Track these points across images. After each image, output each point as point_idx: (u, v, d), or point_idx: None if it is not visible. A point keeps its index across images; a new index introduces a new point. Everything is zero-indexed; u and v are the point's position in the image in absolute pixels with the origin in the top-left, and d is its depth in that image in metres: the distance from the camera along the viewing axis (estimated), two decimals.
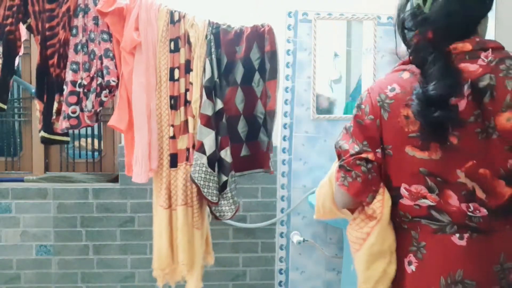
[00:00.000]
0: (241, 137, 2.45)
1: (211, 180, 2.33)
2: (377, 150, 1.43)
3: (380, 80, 1.49)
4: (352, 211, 1.57)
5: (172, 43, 2.38)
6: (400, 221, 1.47)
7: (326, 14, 3.41)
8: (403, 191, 1.42)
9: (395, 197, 1.45)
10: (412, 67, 1.40)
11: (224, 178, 2.37)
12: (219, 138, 2.35)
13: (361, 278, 1.49)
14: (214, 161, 2.33)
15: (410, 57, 1.42)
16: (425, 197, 1.38)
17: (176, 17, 2.39)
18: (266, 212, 3.49)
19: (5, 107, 2.41)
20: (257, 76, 2.41)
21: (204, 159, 2.31)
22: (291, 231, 3.51)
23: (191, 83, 2.37)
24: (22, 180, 3.45)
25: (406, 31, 1.43)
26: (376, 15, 3.42)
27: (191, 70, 2.38)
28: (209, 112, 2.31)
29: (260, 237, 3.51)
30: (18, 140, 3.62)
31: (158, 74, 2.37)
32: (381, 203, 1.44)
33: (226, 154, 2.35)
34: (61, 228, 3.39)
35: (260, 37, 2.38)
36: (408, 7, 1.42)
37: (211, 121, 2.32)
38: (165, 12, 2.38)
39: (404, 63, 1.45)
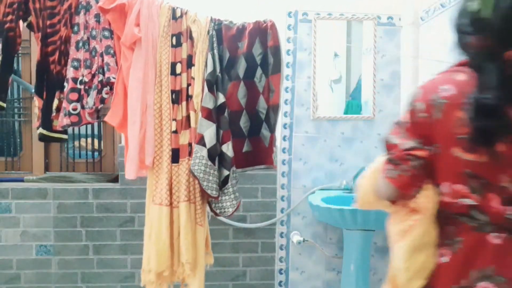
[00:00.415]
0: (244, 132, 2.44)
1: (211, 174, 2.30)
2: (428, 148, 1.43)
3: (432, 80, 1.49)
4: (393, 203, 1.59)
5: (174, 38, 2.38)
6: (438, 215, 1.48)
7: (326, 14, 3.42)
8: (445, 188, 1.43)
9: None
10: (469, 69, 1.39)
11: (226, 172, 2.35)
12: (220, 132, 2.34)
13: (400, 269, 1.51)
14: (214, 154, 2.32)
15: (467, 61, 1.42)
16: (466, 197, 1.38)
17: (178, 13, 2.39)
18: (266, 212, 3.49)
19: (4, 105, 2.40)
20: (259, 71, 2.41)
21: (204, 152, 2.29)
22: (291, 231, 3.51)
23: (193, 78, 2.37)
24: (22, 180, 3.45)
25: (463, 35, 1.43)
26: (376, 15, 3.43)
27: (193, 65, 2.37)
28: (210, 105, 2.31)
29: (260, 237, 3.51)
30: (18, 140, 3.61)
31: (159, 69, 2.36)
32: (427, 198, 1.47)
33: (227, 149, 2.33)
34: (61, 228, 3.39)
35: (263, 32, 2.38)
36: (468, 10, 1.40)
37: (212, 114, 2.31)
38: (167, 9, 2.38)
39: (460, 65, 1.45)
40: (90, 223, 3.40)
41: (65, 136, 2.48)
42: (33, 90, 2.83)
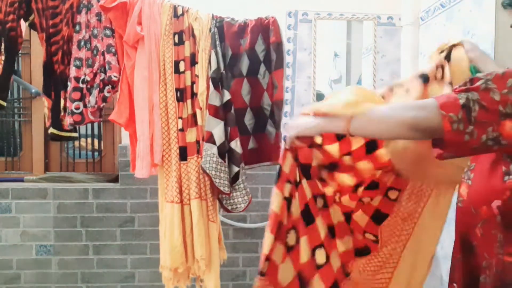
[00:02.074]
0: (248, 129, 2.44)
1: (222, 171, 2.31)
2: None
3: None
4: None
5: (176, 37, 2.38)
6: None
7: (326, 14, 3.42)
8: None
9: None
10: None
11: (236, 169, 2.36)
12: (228, 129, 2.34)
13: None
14: (224, 151, 2.32)
15: None
16: None
17: (179, 11, 2.39)
18: (266, 212, 3.47)
19: (5, 104, 2.40)
20: (262, 68, 2.41)
21: (214, 149, 2.29)
22: None
23: (197, 76, 2.37)
24: (22, 180, 3.45)
25: None
26: (376, 15, 3.44)
27: (197, 63, 2.37)
28: (216, 103, 2.31)
29: (260, 237, 3.50)
30: (18, 140, 3.61)
31: (162, 67, 2.37)
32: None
33: (236, 145, 2.34)
34: (61, 228, 3.39)
35: (265, 29, 2.38)
36: None
37: (219, 112, 2.31)
38: (169, 7, 2.38)
39: None
40: (90, 223, 3.40)
41: (75, 134, 2.49)
42: (33, 90, 2.84)
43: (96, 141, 3.66)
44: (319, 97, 3.48)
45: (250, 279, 3.51)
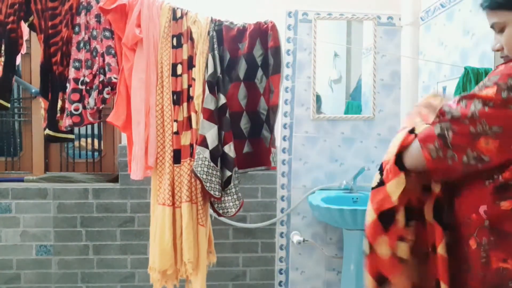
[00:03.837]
0: (244, 133, 2.44)
1: (213, 175, 2.31)
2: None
3: None
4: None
5: (175, 39, 2.38)
6: None
7: (326, 14, 3.42)
8: None
9: None
10: None
11: (228, 173, 2.36)
12: (222, 133, 2.34)
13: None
14: (217, 155, 2.32)
15: None
16: None
17: (178, 14, 2.39)
18: (266, 212, 3.50)
19: (9, 105, 2.40)
20: (260, 72, 2.41)
21: (206, 153, 2.30)
22: (291, 231, 3.52)
23: (194, 79, 2.37)
24: (22, 180, 3.45)
25: None
26: (376, 15, 3.44)
27: (194, 66, 2.37)
28: (211, 106, 2.31)
29: (260, 237, 3.51)
30: (18, 140, 3.61)
31: (160, 70, 2.36)
32: None
33: (230, 149, 2.34)
34: (61, 228, 3.39)
35: (263, 33, 2.38)
36: None
37: (213, 116, 2.31)
38: (168, 9, 2.38)
39: None
40: (90, 223, 3.40)
41: (71, 136, 2.48)
42: (33, 90, 2.83)
43: (96, 141, 3.66)
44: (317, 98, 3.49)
45: (250, 279, 3.52)
